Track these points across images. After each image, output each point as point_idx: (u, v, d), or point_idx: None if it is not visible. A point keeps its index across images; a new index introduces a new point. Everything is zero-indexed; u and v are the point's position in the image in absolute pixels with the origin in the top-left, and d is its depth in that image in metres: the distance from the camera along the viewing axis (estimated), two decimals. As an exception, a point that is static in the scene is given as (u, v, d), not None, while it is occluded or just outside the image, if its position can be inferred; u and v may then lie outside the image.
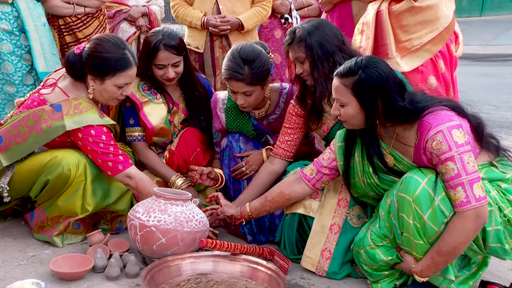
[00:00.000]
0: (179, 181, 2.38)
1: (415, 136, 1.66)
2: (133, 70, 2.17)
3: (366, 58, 1.70)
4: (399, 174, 1.74)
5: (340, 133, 1.92)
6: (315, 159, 1.98)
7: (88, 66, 2.13)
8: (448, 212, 1.59)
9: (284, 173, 2.21)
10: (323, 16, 2.86)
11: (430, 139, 1.58)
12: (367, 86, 1.64)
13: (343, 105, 1.72)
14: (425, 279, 1.69)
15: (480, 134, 1.71)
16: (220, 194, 2.17)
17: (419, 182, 1.62)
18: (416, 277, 1.70)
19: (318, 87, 2.00)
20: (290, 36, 2.03)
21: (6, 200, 2.18)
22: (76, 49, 2.17)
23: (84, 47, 2.15)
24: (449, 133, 1.55)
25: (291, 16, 3.65)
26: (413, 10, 2.21)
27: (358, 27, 2.36)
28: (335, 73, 1.75)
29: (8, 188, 2.15)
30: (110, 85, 2.14)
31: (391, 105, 1.65)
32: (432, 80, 2.25)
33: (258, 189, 2.20)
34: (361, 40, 2.29)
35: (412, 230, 1.63)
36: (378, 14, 2.27)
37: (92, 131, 2.10)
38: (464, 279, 1.74)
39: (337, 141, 1.92)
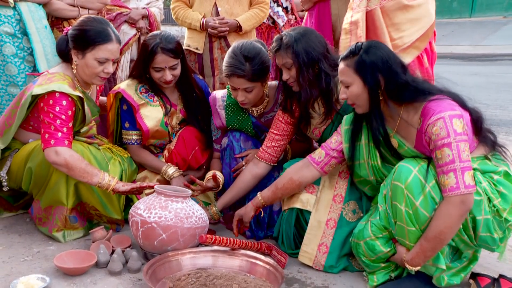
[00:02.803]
0: (171, 170, 2.42)
1: (418, 121, 1.71)
2: (114, 46, 2.17)
3: (366, 41, 1.78)
4: (402, 158, 1.79)
5: (346, 117, 1.97)
6: (323, 144, 2.02)
7: (71, 41, 2.17)
8: (438, 198, 1.65)
9: (280, 169, 2.26)
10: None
11: (431, 124, 1.63)
12: (369, 63, 1.71)
13: (348, 85, 1.78)
14: (415, 268, 1.72)
15: (479, 128, 1.76)
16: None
17: (411, 170, 1.68)
18: (407, 265, 1.74)
19: (303, 92, 2.05)
20: (277, 43, 2.06)
21: (5, 189, 2.24)
22: (64, 30, 2.25)
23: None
24: (450, 121, 1.61)
25: (270, 17, 3.71)
26: (405, 8, 2.25)
27: (345, 27, 2.38)
28: (339, 58, 1.83)
29: (6, 177, 2.22)
30: (90, 59, 2.15)
31: (393, 81, 1.71)
32: (418, 74, 2.31)
33: (243, 191, 2.25)
34: (351, 40, 2.32)
35: (405, 217, 1.68)
36: (369, 13, 2.30)
37: (51, 101, 2.07)
38: (456, 272, 1.78)
39: (343, 125, 1.97)
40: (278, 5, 3.77)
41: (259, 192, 2.14)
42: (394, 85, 1.72)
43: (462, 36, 14.22)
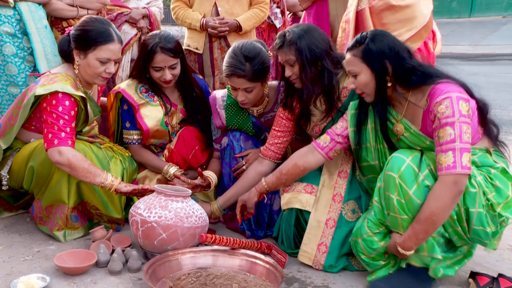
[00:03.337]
0: (172, 169, 2.43)
1: (425, 102, 1.73)
2: (115, 46, 2.18)
3: (372, 30, 1.81)
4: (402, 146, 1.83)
5: (353, 103, 1.99)
6: (328, 130, 2.03)
7: (73, 41, 2.19)
8: (432, 185, 1.66)
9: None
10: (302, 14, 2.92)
11: (438, 102, 1.65)
12: (375, 50, 1.74)
13: (356, 75, 1.80)
14: (408, 253, 1.72)
15: (484, 116, 1.78)
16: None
17: (404, 160, 1.69)
18: (399, 249, 1.72)
19: (306, 89, 2.05)
20: (281, 39, 2.07)
21: (5, 188, 2.25)
22: (66, 31, 2.26)
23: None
24: (456, 101, 1.62)
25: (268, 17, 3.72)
26: (392, 9, 2.27)
27: (341, 25, 2.42)
28: (346, 49, 1.85)
29: (8, 176, 2.22)
30: (92, 59, 2.16)
31: (401, 66, 1.73)
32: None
33: (245, 188, 2.25)
34: (344, 38, 2.35)
35: (396, 206, 1.69)
36: (359, 13, 2.32)
37: (54, 101, 2.09)
38: (451, 264, 1.79)
39: (349, 110, 1.99)
40: (277, 7, 3.77)
41: (263, 178, 2.15)
42: (402, 70, 1.74)
43: (461, 36, 14.25)
